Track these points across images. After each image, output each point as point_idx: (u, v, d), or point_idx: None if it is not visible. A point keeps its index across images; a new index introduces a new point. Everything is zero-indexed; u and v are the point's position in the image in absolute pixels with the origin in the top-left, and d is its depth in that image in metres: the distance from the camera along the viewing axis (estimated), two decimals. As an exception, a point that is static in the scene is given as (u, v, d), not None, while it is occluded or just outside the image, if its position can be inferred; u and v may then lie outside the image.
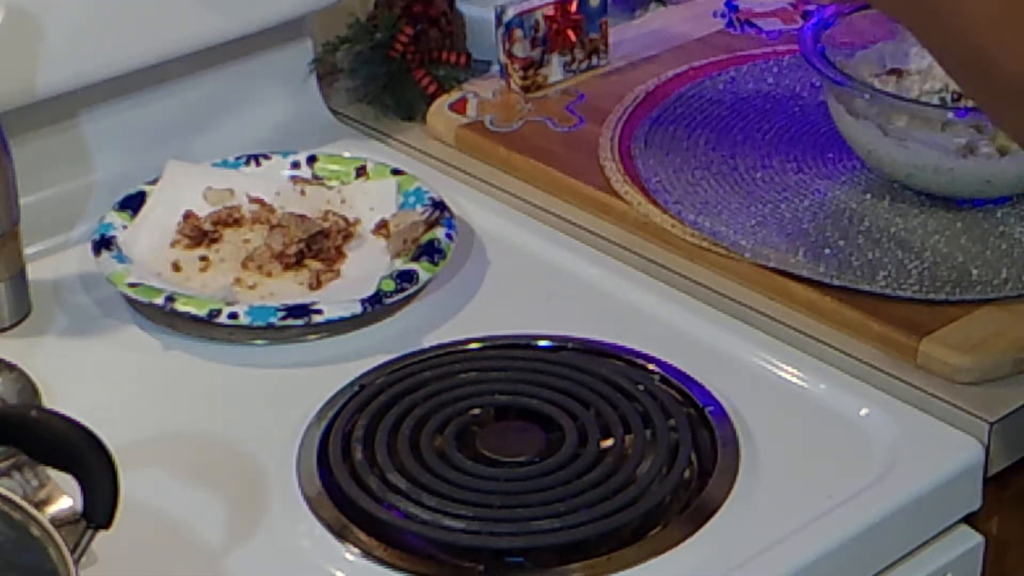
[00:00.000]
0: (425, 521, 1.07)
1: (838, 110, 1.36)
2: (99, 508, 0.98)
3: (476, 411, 1.17)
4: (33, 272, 1.31)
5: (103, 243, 1.32)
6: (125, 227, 1.34)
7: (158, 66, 1.43)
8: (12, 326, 1.28)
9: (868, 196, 1.35)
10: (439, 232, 1.33)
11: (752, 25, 1.65)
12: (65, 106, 1.40)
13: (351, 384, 1.20)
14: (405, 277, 1.28)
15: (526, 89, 1.54)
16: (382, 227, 1.36)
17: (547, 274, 1.34)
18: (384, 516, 1.08)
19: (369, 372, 1.22)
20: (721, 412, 1.17)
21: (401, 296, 1.28)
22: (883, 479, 1.12)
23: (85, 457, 0.98)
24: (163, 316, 1.28)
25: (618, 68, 1.58)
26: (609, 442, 1.14)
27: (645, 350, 1.23)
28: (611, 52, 1.58)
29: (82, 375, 1.24)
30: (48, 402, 1.17)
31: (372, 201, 1.39)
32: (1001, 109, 1.05)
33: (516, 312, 1.29)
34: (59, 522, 1.00)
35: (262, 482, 1.13)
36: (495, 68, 1.56)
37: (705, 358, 1.23)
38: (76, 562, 0.92)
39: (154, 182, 1.39)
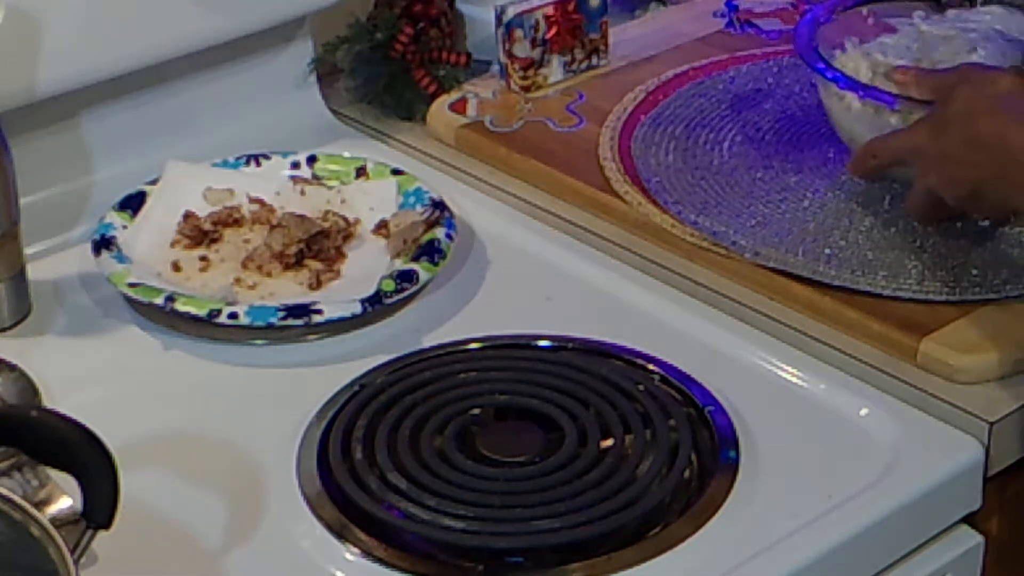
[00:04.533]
0: (425, 521, 1.07)
1: (834, 107, 1.35)
2: (99, 508, 0.98)
3: (476, 411, 1.17)
4: (33, 272, 1.31)
5: (103, 243, 1.32)
6: (125, 227, 1.34)
7: (158, 66, 1.43)
8: (12, 326, 1.28)
9: (868, 196, 1.35)
10: (439, 232, 1.33)
11: (752, 25, 1.65)
12: (65, 106, 1.40)
13: (351, 384, 1.20)
14: (405, 277, 1.28)
15: (526, 89, 1.54)
16: (382, 227, 1.36)
17: (547, 274, 1.34)
18: (384, 516, 1.08)
19: (369, 372, 1.22)
20: (721, 412, 1.17)
21: (401, 296, 1.28)
22: (883, 479, 1.12)
23: (85, 457, 0.98)
24: (163, 316, 1.28)
25: (618, 68, 1.58)
26: (609, 442, 1.14)
27: (645, 350, 1.23)
28: (611, 52, 1.58)
29: (82, 375, 1.24)
30: (48, 402, 1.17)
31: (372, 201, 1.39)
32: None
33: (516, 312, 1.29)
34: (59, 522, 1.00)
35: (262, 482, 1.13)
36: (495, 68, 1.56)
37: (705, 358, 1.23)
38: (76, 562, 0.92)
39: (154, 182, 1.39)
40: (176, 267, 1.32)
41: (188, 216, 1.37)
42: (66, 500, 1.06)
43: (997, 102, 1.16)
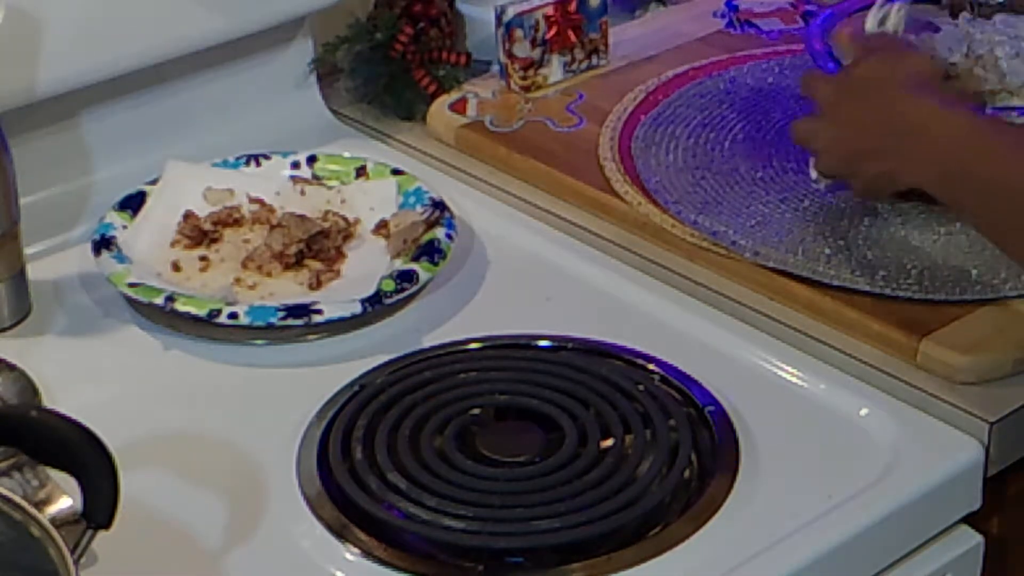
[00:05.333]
0: (425, 521, 1.07)
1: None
2: (99, 508, 0.98)
3: (476, 411, 1.17)
4: (33, 272, 1.31)
5: (103, 243, 1.32)
6: (125, 227, 1.34)
7: (158, 66, 1.43)
8: (12, 326, 1.28)
9: (868, 196, 1.35)
10: (439, 232, 1.33)
11: (752, 25, 1.65)
12: (65, 106, 1.40)
13: (351, 384, 1.20)
14: (405, 277, 1.28)
15: (526, 89, 1.54)
16: (382, 227, 1.36)
17: (547, 274, 1.34)
18: (384, 516, 1.08)
19: (369, 372, 1.22)
20: (721, 412, 1.17)
21: (401, 296, 1.28)
22: (883, 479, 1.12)
23: (85, 457, 0.99)
24: (163, 316, 1.28)
25: (618, 68, 1.58)
26: (609, 442, 1.14)
27: (645, 350, 1.23)
28: (611, 52, 1.58)
29: (82, 375, 1.24)
30: (48, 402, 1.17)
31: (372, 201, 1.39)
32: None
33: (516, 312, 1.29)
34: (59, 522, 1.00)
35: (262, 482, 1.13)
36: (495, 68, 1.56)
37: (705, 358, 1.23)
38: (76, 562, 0.92)
39: (154, 182, 1.39)
40: (176, 267, 1.32)
41: (188, 216, 1.37)
42: (66, 500, 1.06)
43: (898, 77, 1.17)
